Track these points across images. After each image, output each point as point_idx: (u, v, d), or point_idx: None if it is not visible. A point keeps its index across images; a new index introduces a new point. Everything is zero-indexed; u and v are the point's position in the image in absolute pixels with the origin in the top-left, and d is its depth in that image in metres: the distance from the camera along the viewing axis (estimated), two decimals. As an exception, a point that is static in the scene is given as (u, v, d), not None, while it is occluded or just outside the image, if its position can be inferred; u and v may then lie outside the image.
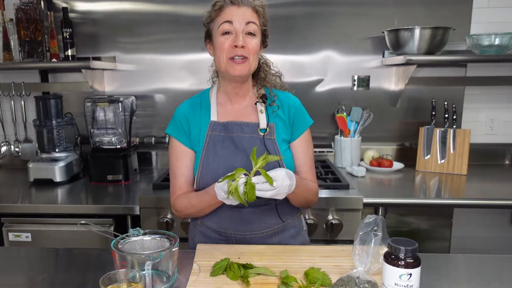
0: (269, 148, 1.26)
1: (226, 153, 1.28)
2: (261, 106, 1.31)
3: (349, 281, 0.97)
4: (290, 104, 1.34)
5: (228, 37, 1.21)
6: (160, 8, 2.35)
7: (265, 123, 1.29)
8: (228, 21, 1.21)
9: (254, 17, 1.22)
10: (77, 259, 1.27)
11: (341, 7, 2.34)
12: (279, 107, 1.32)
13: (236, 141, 1.28)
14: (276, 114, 1.32)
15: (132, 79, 2.44)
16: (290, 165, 1.31)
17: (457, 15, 2.30)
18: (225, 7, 1.22)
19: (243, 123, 1.30)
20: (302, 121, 1.34)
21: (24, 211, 1.85)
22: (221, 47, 1.22)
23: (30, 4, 2.20)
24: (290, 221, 1.35)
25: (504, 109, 2.43)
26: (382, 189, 2.04)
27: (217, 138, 1.29)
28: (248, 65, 1.23)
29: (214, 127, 1.30)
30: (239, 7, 1.21)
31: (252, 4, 1.22)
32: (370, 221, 0.97)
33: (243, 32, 1.21)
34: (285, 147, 1.31)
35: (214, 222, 1.33)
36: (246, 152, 1.27)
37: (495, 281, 1.08)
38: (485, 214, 2.18)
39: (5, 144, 2.45)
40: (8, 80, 2.39)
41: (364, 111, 2.32)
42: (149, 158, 2.51)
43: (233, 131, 1.29)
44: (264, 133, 1.28)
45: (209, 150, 1.29)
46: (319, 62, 2.38)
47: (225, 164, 1.26)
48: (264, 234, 1.31)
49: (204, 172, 1.28)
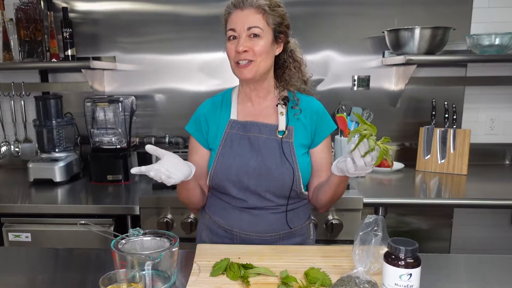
0: (285, 151, 1.25)
1: (242, 151, 1.28)
2: (282, 108, 1.30)
3: (349, 281, 0.97)
4: (313, 109, 1.32)
5: (233, 42, 1.22)
6: (160, 8, 2.35)
7: (284, 125, 1.28)
8: (231, 28, 1.22)
9: (257, 19, 1.20)
10: (77, 259, 1.27)
11: (341, 7, 2.34)
12: (301, 111, 1.31)
13: (253, 141, 1.28)
14: (298, 118, 1.30)
15: (132, 79, 2.44)
16: (307, 171, 1.30)
17: (457, 15, 2.30)
18: (231, 13, 1.23)
19: (262, 124, 1.29)
20: (325, 127, 1.32)
21: (24, 211, 1.85)
22: (228, 53, 1.24)
23: (30, 4, 2.20)
24: (297, 228, 1.34)
25: (504, 109, 2.43)
26: (382, 189, 2.04)
27: (235, 136, 1.29)
28: (255, 68, 1.22)
29: (233, 125, 1.30)
30: (243, 10, 1.21)
31: (256, 4, 1.20)
32: (370, 221, 0.97)
33: (247, 35, 1.20)
34: (303, 152, 1.30)
35: (222, 218, 1.33)
36: (261, 152, 1.26)
37: (495, 281, 1.08)
38: (485, 214, 2.18)
39: (5, 144, 2.45)
40: (8, 80, 2.39)
41: (364, 111, 2.32)
42: (149, 158, 2.50)
43: (251, 130, 1.29)
44: (282, 135, 1.27)
45: (225, 147, 1.29)
46: (319, 62, 2.38)
47: (240, 163, 1.26)
48: (269, 237, 1.31)
49: (218, 168, 1.28)
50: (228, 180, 1.27)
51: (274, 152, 1.26)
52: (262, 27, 1.21)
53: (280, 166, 1.25)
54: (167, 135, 2.42)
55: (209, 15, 2.28)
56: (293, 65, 1.34)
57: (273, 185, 1.26)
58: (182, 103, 2.41)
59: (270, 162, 1.25)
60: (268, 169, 1.25)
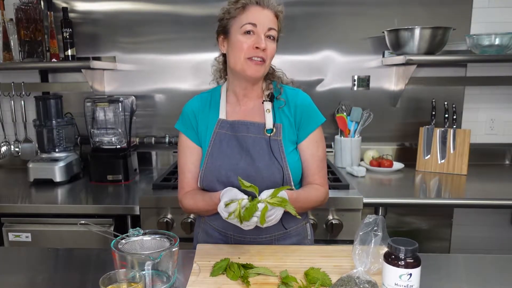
0: (274, 150, 1.25)
1: (230, 152, 1.27)
2: (268, 105, 1.30)
3: (349, 281, 0.97)
4: (297, 103, 1.30)
5: (250, 37, 1.20)
6: (160, 8, 2.35)
7: (271, 123, 1.27)
8: (252, 22, 1.19)
9: (275, 22, 1.23)
10: (77, 259, 1.27)
11: (341, 7, 2.34)
12: (286, 103, 1.30)
13: (241, 140, 1.27)
14: (282, 111, 1.29)
15: (132, 79, 2.44)
16: (297, 168, 1.29)
17: (457, 15, 2.30)
18: (249, 6, 1.20)
19: (249, 123, 1.29)
20: (310, 121, 1.30)
21: (24, 211, 1.85)
22: (240, 46, 1.20)
23: (30, 4, 2.20)
24: (293, 229, 1.33)
25: (504, 109, 2.43)
26: (382, 189, 2.04)
27: (224, 136, 1.29)
28: (264, 68, 1.24)
29: (221, 125, 1.30)
30: (263, 9, 1.21)
31: (275, 9, 1.23)
32: (370, 221, 0.97)
33: (265, 35, 1.21)
34: (292, 148, 1.29)
35: (216, 220, 1.33)
36: (250, 153, 1.26)
37: (495, 281, 1.08)
38: (485, 214, 2.17)
39: (5, 144, 2.45)
40: (8, 80, 2.39)
41: (364, 111, 2.32)
42: (149, 158, 2.51)
43: (239, 130, 1.28)
44: (270, 133, 1.27)
45: (214, 147, 1.28)
46: (319, 62, 2.38)
47: (229, 163, 1.25)
48: (264, 239, 1.30)
49: (207, 169, 1.27)
50: (218, 181, 1.26)
51: (262, 152, 1.25)
52: (277, 30, 1.25)
53: (269, 166, 1.24)
54: (167, 135, 2.43)
55: (209, 15, 2.28)
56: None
57: (263, 185, 1.22)
58: (182, 103, 2.35)
59: (259, 162, 1.24)
60: (258, 169, 1.24)
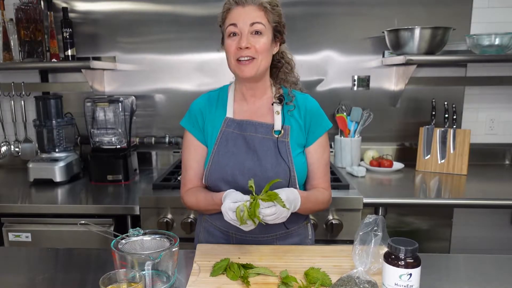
0: (281, 151, 1.25)
1: (237, 151, 1.27)
2: (277, 107, 1.29)
3: (349, 281, 0.97)
4: (307, 107, 1.30)
5: (234, 39, 1.20)
6: (160, 8, 2.35)
7: (280, 124, 1.27)
8: (233, 23, 1.20)
9: (260, 16, 1.20)
10: (77, 259, 1.27)
11: (341, 7, 2.34)
12: (295, 107, 1.30)
13: (249, 140, 1.27)
14: (292, 115, 1.29)
15: (132, 79, 2.44)
16: (303, 170, 1.29)
17: (457, 15, 2.30)
18: (232, 9, 1.21)
19: (258, 123, 1.29)
20: (319, 126, 1.31)
21: (24, 211, 1.85)
22: (229, 50, 1.22)
23: (30, 4, 2.20)
24: (295, 229, 1.34)
25: (504, 109, 2.43)
26: (382, 189, 2.04)
27: (230, 135, 1.28)
28: (256, 65, 1.21)
29: (228, 123, 1.29)
30: (244, 7, 1.20)
31: (258, 2, 1.20)
32: (370, 221, 0.97)
33: (249, 32, 1.19)
34: (299, 151, 1.29)
35: (217, 219, 1.32)
36: (256, 152, 1.26)
37: (495, 281, 1.08)
38: (485, 214, 2.17)
39: (5, 144, 2.45)
40: (8, 80, 2.39)
41: (364, 111, 2.32)
42: (149, 158, 2.51)
43: (247, 130, 1.28)
44: (278, 135, 1.26)
45: (221, 145, 1.28)
46: (319, 62, 2.38)
47: (235, 162, 1.25)
48: (265, 238, 1.30)
49: (213, 167, 1.27)
50: (223, 180, 1.26)
51: (269, 152, 1.25)
52: (264, 24, 1.20)
53: (275, 166, 1.24)
54: (167, 135, 2.43)
55: (209, 15, 2.28)
56: (287, 61, 1.35)
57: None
58: (182, 103, 2.40)
59: (265, 162, 1.24)
60: (264, 169, 1.24)
